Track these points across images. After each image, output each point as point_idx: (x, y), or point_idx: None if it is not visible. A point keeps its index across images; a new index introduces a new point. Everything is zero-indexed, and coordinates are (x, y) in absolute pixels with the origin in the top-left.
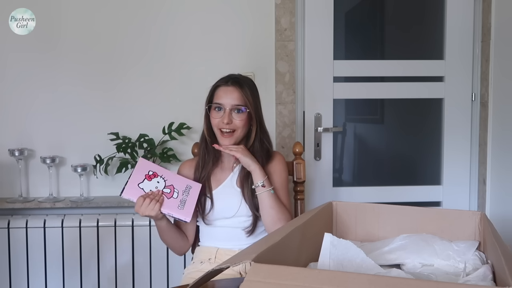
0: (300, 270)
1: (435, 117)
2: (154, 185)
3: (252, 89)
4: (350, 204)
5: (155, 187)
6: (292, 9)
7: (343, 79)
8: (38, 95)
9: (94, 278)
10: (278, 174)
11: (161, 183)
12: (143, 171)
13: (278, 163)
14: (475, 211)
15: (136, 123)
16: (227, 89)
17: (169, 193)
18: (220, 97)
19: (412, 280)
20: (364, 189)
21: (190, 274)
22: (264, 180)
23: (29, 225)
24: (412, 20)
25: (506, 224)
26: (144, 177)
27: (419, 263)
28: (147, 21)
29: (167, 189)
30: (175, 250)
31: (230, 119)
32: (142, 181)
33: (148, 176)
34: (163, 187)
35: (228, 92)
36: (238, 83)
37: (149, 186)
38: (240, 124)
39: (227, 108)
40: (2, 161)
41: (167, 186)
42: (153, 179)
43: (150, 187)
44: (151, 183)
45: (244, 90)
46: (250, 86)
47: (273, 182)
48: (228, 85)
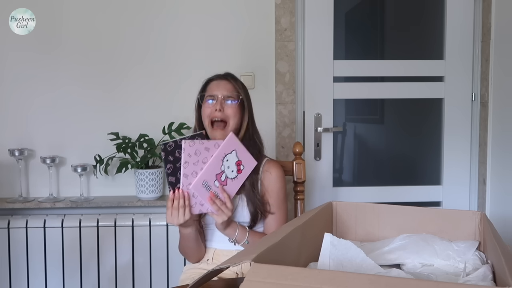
0: (300, 270)
1: (435, 117)
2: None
3: (244, 86)
4: (350, 204)
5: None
6: (292, 9)
7: (343, 79)
8: (38, 95)
9: (94, 278)
10: (273, 191)
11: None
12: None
13: (275, 177)
14: (475, 211)
15: (136, 123)
16: (220, 82)
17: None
18: (212, 89)
19: (412, 280)
20: (364, 189)
21: (189, 274)
22: (234, 238)
23: (29, 225)
24: (412, 20)
25: (506, 224)
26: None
27: (419, 263)
28: (147, 21)
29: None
30: (193, 259)
31: (222, 106)
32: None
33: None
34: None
35: (220, 84)
36: (231, 76)
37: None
38: (231, 113)
39: (219, 96)
40: (2, 161)
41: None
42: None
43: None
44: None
45: (237, 83)
46: (242, 83)
47: (268, 198)
48: (221, 79)
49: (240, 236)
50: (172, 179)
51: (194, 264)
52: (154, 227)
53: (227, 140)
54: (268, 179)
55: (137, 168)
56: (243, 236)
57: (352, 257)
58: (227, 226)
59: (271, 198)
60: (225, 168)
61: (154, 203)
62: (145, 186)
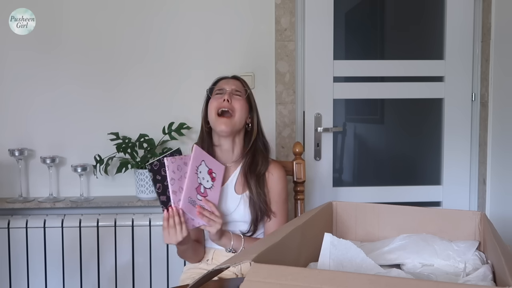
0: (300, 270)
1: (435, 117)
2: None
3: (250, 89)
4: (350, 204)
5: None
6: (292, 9)
7: (343, 79)
8: (38, 95)
9: (94, 278)
10: (275, 192)
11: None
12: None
13: (276, 178)
14: (475, 211)
15: (136, 123)
16: (229, 80)
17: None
18: (221, 85)
19: (412, 280)
20: (364, 189)
21: (189, 274)
22: (231, 246)
23: (29, 225)
24: (412, 20)
25: (506, 224)
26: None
27: (419, 263)
28: (147, 21)
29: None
30: (192, 260)
31: (230, 97)
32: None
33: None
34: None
35: (229, 82)
36: (239, 77)
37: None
38: (239, 105)
39: (228, 89)
40: (2, 161)
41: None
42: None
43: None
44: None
45: (244, 82)
46: (249, 87)
47: (268, 199)
48: (230, 78)
49: (236, 244)
50: (163, 198)
51: (194, 264)
52: (154, 227)
53: (194, 152)
54: (270, 180)
55: (137, 168)
56: (239, 243)
57: (352, 257)
58: (221, 236)
59: (272, 199)
60: (201, 180)
61: (154, 203)
62: (145, 186)
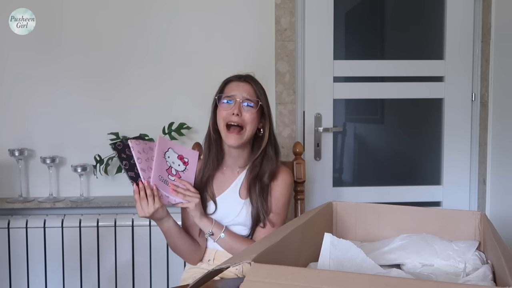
0: (300, 270)
1: (435, 117)
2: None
3: (264, 92)
4: (350, 204)
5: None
6: (292, 9)
7: (343, 79)
8: (38, 95)
9: (94, 278)
10: (278, 198)
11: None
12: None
13: (283, 184)
14: (475, 211)
15: (136, 123)
16: (239, 83)
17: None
18: (231, 90)
19: (412, 280)
20: (364, 189)
21: (191, 274)
22: (211, 228)
23: (29, 225)
24: (412, 20)
25: (506, 224)
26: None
27: (419, 263)
28: (147, 22)
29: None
30: (191, 259)
31: (240, 110)
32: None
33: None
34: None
35: (240, 86)
36: (251, 79)
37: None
38: (249, 118)
39: (237, 99)
40: (2, 161)
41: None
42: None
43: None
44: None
45: (257, 86)
46: (262, 87)
47: (271, 203)
48: (241, 80)
49: (216, 229)
50: (131, 174)
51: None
52: (154, 227)
53: (159, 142)
54: (274, 185)
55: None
56: (219, 229)
57: (352, 257)
58: (202, 215)
59: (273, 203)
60: (171, 164)
61: None
62: None
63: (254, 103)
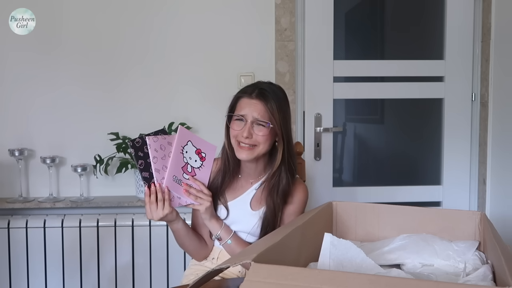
0: (300, 270)
1: (435, 117)
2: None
3: (281, 102)
4: (350, 204)
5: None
6: (292, 9)
7: (343, 79)
8: (38, 95)
9: (94, 278)
10: (290, 214)
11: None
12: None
13: (298, 203)
14: (475, 211)
15: (136, 123)
16: (251, 101)
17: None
18: (242, 108)
19: (412, 280)
20: (364, 189)
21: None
22: (219, 232)
23: (29, 225)
24: (412, 20)
25: (506, 224)
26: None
27: (419, 263)
28: (147, 22)
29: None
30: (195, 256)
31: (250, 133)
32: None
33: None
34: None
35: (251, 105)
36: (264, 95)
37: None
38: (261, 139)
39: (248, 120)
40: (2, 161)
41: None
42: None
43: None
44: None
45: (269, 103)
46: (278, 99)
47: (282, 219)
48: (252, 97)
49: (224, 234)
50: (146, 174)
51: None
52: (154, 227)
53: (179, 133)
54: (289, 202)
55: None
56: (227, 234)
57: (352, 257)
58: (212, 217)
59: (284, 219)
60: (187, 160)
61: None
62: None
63: (266, 122)
